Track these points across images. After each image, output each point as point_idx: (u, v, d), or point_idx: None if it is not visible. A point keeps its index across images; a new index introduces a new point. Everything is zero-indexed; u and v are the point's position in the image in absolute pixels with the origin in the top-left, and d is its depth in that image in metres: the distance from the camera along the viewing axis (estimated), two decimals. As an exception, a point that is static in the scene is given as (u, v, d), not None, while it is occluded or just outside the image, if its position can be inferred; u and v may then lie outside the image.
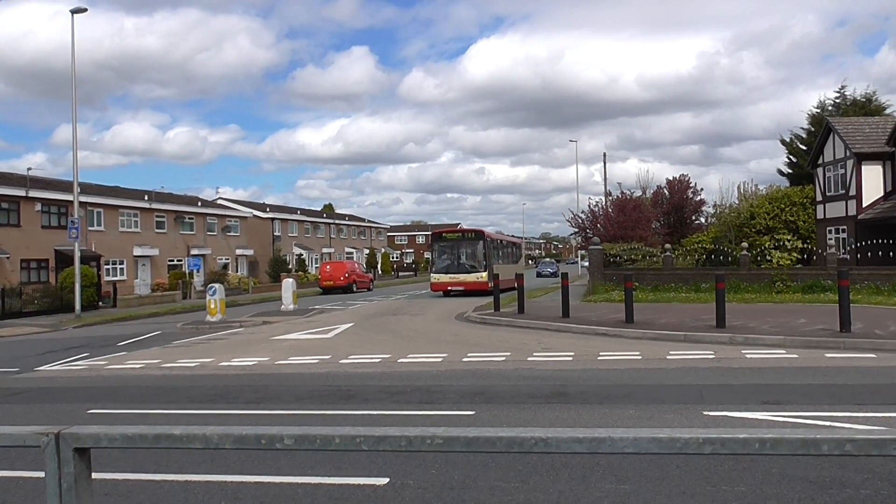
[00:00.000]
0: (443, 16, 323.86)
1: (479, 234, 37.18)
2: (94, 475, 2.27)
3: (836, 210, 33.97)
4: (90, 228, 44.16)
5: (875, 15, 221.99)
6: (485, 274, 34.64)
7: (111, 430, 2.13)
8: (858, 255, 30.15)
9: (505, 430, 1.96)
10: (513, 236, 59.52)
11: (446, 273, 35.80)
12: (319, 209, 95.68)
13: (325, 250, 78.20)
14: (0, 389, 12.12)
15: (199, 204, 59.23)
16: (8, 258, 38.34)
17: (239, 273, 59.47)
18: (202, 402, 10.09)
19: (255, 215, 66.51)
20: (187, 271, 48.75)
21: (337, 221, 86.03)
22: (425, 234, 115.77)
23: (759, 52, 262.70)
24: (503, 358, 13.06)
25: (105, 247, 45.20)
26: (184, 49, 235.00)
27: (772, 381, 10.05)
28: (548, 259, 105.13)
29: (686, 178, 52.58)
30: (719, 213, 44.26)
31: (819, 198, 35.71)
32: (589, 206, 50.36)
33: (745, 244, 31.83)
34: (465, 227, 40.35)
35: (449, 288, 35.35)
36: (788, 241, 33.24)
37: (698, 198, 51.76)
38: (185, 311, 33.41)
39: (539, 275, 64.06)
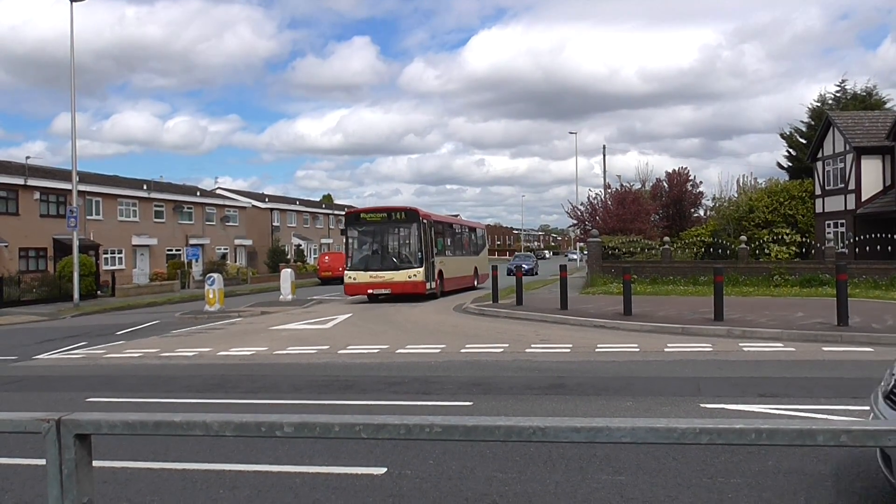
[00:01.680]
0: (445, 6, 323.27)
1: (411, 215, 27.17)
2: (93, 463, 2.28)
3: (835, 204, 33.99)
4: (89, 217, 44.13)
5: (878, 8, 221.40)
6: (419, 270, 26.16)
7: (112, 416, 2.14)
8: (857, 249, 30.20)
9: (503, 419, 1.98)
10: (455, 217, 45.78)
11: (365, 269, 26.57)
12: (318, 200, 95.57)
13: (323, 241, 78.19)
14: (-1, 377, 12.14)
15: (198, 194, 59.17)
16: (6, 247, 38.33)
17: (237, 263, 59.45)
18: (200, 392, 10.11)
19: (254, 205, 66.45)
20: (186, 261, 48.76)
21: (336, 212, 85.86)
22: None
23: (760, 45, 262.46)
24: (501, 349, 13.09)
25: (103, 236, 45.18)
26: (185, 39, 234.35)
27: (769, 374, 10.08)
28: (525, 252, 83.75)
29: (685, 171, 52.52)
30: (718, 207, 44.33)
31: (818, 191, 35.73)
32: (588, 198, 50.30)
33: (743, 237, 31.87)
34: (393, 204, 30.75)
35: (370, 291, 26.57)
36: (787, 234, 33.30)
37: (697, 191, 51.76)
38: (183, 301, 33.43)
39: (510, 272, 46.33)
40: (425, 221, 27.45)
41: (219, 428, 2.05)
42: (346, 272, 27.06)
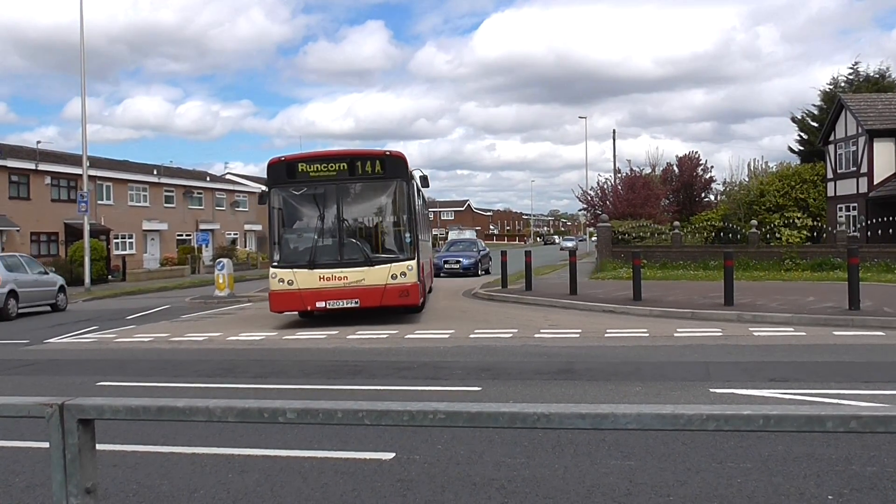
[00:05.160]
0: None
1: (394, 164, 15.33)
2: (102, 447, 2.28)
3: (846, 187, 33.74)
4: (99, 202, 44.26)
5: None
6: (409, 265, 15.20)
7: (115, 401, 2.14)
8: (869, 233, 29.99)
9: (508, 405, 1.95)
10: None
11: (310, 266, 15.05)
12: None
13: (333, 226, 78.02)
14: (11, 361, 12.23)
15: (208, 179, 59.24)
16: (18, 231, 38.50)
17: (247, 248, 59.58)
18: (210, 376, 10.15)
19: (264, 190, 66.36)
20: (196, 246, 48.90)
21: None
22: (433, 211, 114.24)
23: (775, 27, 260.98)
24: (510, 334, 13.07)
25: (114, 221, 45.33)
26: (198, 23, 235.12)
27: (779, 359, 10.03)
28: (465, 236, 53.99)
29: (696, 156, 52.23)
30: (729, 191, 44.10)
31: (830, 175, 35.48)
32: (598, 182, 50.10)
33: (754, 222, 31.72)
34: (360, 148, 20.57)
35: (320, 303, 15.03)
36: (798, 218, 33.11)
37: (708, 175, 51.47)
38: (193, 286, 33.55)
39: (438, 270, 30.23)
40: (417, 178, 16.83)
41: (221, 413, 2.04)
42: (272, 269, 15.36)
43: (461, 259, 32.35)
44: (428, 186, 17.44)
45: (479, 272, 32.62)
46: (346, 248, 15.33)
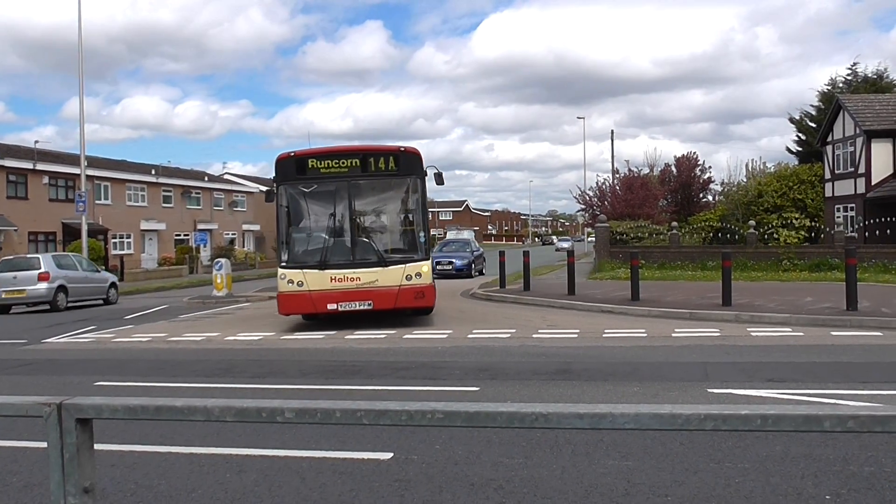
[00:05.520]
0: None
1: (409, 160, 14.69)
2: (99, 447, 2.28)
3: (844, 188, 33.79)
4: (97, 202, 44.22)
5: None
6: (424, 266, 14.62)
7: (113, 401, 2.14)
8: (867, 234, 30.04)
9: (506, 405, 1.96)
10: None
11: (321, 266, 14.31)
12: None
13: (331, 226, 77.99)
14: (8, 361, 12.21)
15: (206, 179, 59.19)
16: (16, 231, 38.46)
17: (245, 248, 59.55)
18: (208, 376, 10.15)
19: (261, 190, 66.33)
20: (194, 246, 48.88)
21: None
22: (432, 211, 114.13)
23: (773, 28, 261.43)
24: (508, 335, 13.07)
25: (112, 220, 45.29)
26: (197, 23, 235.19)
27: (777, 359, 10.04)
28: (458, 235, 51.14)
29: (694, 156, 52.33)
30: (727, 191, 44.18)
31: (828, 175, 35.53)
32: (597, 183, 50.21)
33: (752, 222, 31.78)
34: (373, 144, 19.53)
35: (332, 305, 14.26)
36: (796, 219, 33.14)
37: (706, 175, 51.54)
38: (191, 286, 33.53)
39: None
40: (432, 175, 15.48)
41: (220, 413, 2.04)
42: (280, 269, 14.64)
43: (454, 260, 31.41)
44: (443, 184, 16.14)
45: (473, 273, 31.67)
46: (359, 248, 14.69)
